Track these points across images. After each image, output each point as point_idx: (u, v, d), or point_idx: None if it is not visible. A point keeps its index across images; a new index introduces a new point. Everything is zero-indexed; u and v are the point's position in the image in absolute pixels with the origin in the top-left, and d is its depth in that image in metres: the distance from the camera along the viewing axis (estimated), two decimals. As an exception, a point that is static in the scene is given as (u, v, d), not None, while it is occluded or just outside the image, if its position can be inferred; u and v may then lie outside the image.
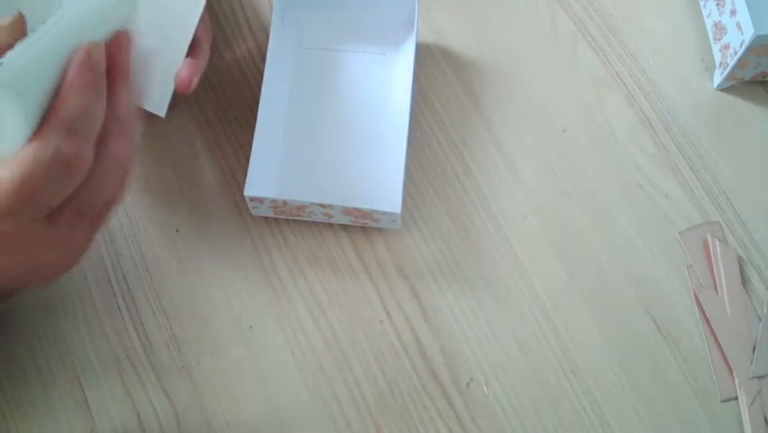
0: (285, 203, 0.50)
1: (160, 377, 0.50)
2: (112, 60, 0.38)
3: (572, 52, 0.59)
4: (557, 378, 0.50)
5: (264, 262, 0.53)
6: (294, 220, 0.54)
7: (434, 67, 0.59)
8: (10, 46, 0.35)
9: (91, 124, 0.37)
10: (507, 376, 0.50)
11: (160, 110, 0.47)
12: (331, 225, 0.54)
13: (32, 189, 0.35)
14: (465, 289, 0.52)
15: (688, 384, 0.50)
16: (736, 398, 0.49)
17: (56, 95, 0.36)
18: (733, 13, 0.54)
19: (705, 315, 0.51)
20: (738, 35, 0.54)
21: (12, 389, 0.50)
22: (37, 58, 0.35)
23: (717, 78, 0.57)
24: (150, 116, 0.47)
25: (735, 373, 0.50)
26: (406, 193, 0.54)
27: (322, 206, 0.50)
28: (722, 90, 0.58)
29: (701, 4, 0.60)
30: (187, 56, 0.48)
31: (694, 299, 0.52)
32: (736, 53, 0.54)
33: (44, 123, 0.35)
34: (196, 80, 0.48)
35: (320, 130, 0.55)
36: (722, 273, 0.52)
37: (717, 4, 0.57)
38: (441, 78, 0.58)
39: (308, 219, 0.53)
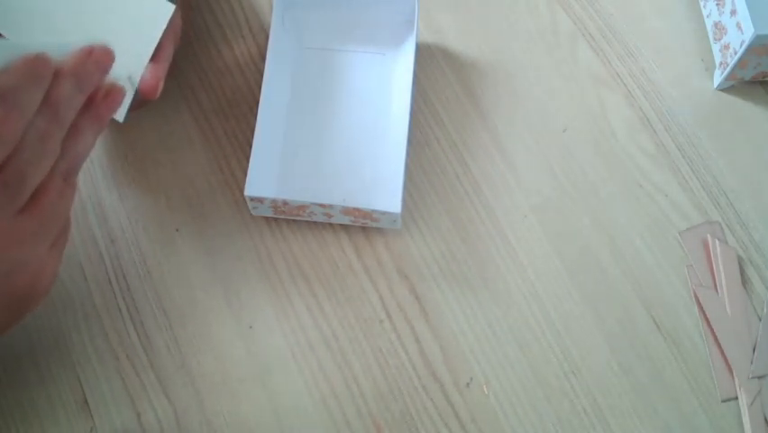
0: (285, 203, 0.50)
1: (160, 377, 0.50)
2: (72, 63, 0.41)
3: (572, 52, 0.59)
4: (557, 378, 0.50)
5: (264, 262, 0.53)
6: (294, 220, 0.54)
7: (434, 67, 0.59)
8: None
9: (24, 99, 0.38)
10: (507, 376, 0.50)
11: (119, 115, 0.47)
12: (331, 225, 0.54)
13: None
14: (465, 289, 0.52)
15: (688, 384, 0.50)
16: (736, 398, 0.49)
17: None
18: (733, 13, 0.54)
19: (705, 315, 0.51)
20: (738, 35, 0.54)
21: (12, 389, 0.50)
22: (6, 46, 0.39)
23: (717, 78, 0.57)
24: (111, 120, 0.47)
25: (735, 373, 0.50)
26: (406, 193, 0.54)
27: (322, 206, 0.50)
28: (722, 90, 0.58)
29: (701, 4, 0.60)
30: (150, 61, 0.47)
31: (694, 299, 0.52)
32: (736, 53, 0.54)
33: None
34: (161, 85, 0.47)
35: (320, 130, 0.55)
36: (722, 273, 0.52)
37: (717, 4, 0.57)
38: (441, 78, 0.58)
39: (308, 219, 0.53)
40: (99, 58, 0.42)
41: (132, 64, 0.46)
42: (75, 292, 0.52)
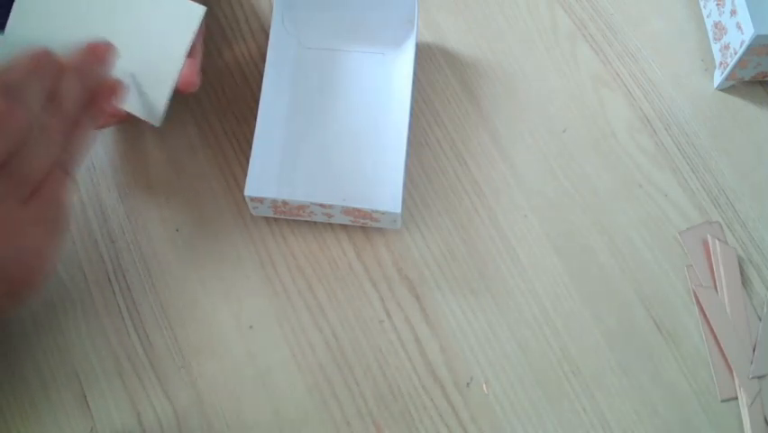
0: (285, 203, 0.50)
1: (160, 377, 0.50)
2: (75, 59, 0.43)
3: (572, 52, 0.59)
4: (557, 378, 0.50)
5: (264, 262, 0.53)
6: (294, 220, 0.54)
7: (434, 67, 0.59)
8: None
9: (30, 94, 0.39)
10: (507, 376, 0.50)
11: (156, 120, 0.48)
12: (331, 225, 0.54)
13: None
14: (465, 288, 0.52)
15: (688, 384, 0.50)
16: (736, 398, 0.49)
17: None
18: (733, 13, 0.54)
19: (705, 315, 0.51)
20: (738, 35, 0.54)
21: (12, 389, 0.50)
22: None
23: (717, 78, 0.57)
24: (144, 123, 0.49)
25: (735, 373, 0.50)
26: (406, 193, 0.54)
27: (322, 206, 0.50)
28: (722, 90, 0.58)
29: (701, 4, 0.60)
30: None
31: (694, 299, 0.52)
32: (735, 53, 0.54)
33: None
34: (198, 79, 0.49)
35: (320, 130, 0.55)
36: (722, 273, 0.52)
37: (717, 4, 0.57)
38: (441, 78, 0.58)
39: (308, 219, 0.53)
40: (101, 53, 0.44)
41: (169, 64, 0.47)
42: (75, 292, 0.52)
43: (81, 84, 0.42)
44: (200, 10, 0.47)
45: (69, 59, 0.42)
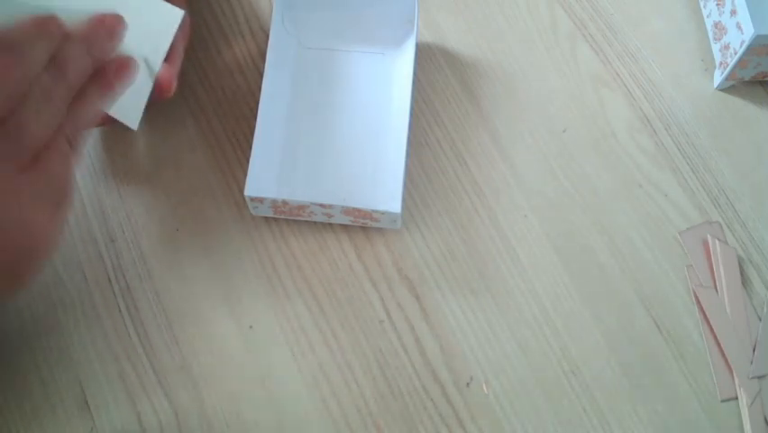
0: (285, 203, 0.50)
1: (160, 377, 0.50)
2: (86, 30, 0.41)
3: (572, 52, 0.59)
4: (557, 378, 0.50)
5: (264, 262, 0.53)
6: (294, 220, 0.54)
7: (434, 67, 0.59)
8: None
9: (30, 53, 0.38)
10: (507, 376, 0.50)
11: (133, 123, 0.48)
12: (331, 225, 0.54)
13: None
14: (465, 289, 0.52)
15: (688, 384, 0.50)
16: (736, 398, 0.49)
17: None
18: (733, 13, 0.54)
19: (705, 315, 0.51)
20: (738, 35, 0.54)
21: (12, 389, 0.50)
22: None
23: (717, 78, 0.57)
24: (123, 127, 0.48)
25: (735, 373, 0.50)
26: (406, 193, 0.54)
27: (322, 206, 0.50)
28: (722, 90, 0.58)
29: (701, 4, 0.60)
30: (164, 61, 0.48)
31: (694, 299, 0.52)
32: (735, 53, 0.54)
33: None
34: (175, 83, 0.48)
35: (320, 130, 0.55)
36: (722, 273, 0.52)
37: (717, 4, 0.57)
38: (441, 78, 0.58)
39: (308, 219, 0.53)
40: (110, 25, 0.43)
41: (146, 69, 0.47)
42: (75, 292, 0.52)
43: (87, 54, 0.41)
44: (179, 13, 0.46)
45: (77, 29, 0.41)
